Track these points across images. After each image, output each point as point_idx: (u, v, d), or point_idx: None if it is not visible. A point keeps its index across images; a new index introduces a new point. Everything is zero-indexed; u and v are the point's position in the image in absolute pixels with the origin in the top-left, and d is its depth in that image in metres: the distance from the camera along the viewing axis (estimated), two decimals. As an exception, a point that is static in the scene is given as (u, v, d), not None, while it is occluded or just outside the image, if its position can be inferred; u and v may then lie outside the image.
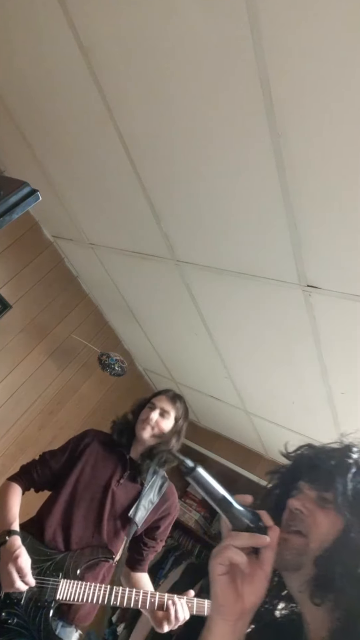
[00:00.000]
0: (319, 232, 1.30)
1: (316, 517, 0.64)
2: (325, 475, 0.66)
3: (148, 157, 1.53)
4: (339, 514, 0.62)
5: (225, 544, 0.62)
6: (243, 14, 0.96)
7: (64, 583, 1.49)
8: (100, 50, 1.29)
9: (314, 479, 0.68)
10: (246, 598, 0.61)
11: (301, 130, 1.08)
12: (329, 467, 0.67)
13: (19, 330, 2.63)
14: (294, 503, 0.67)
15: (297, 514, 0.66)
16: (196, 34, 1.07)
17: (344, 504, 0.63)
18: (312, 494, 0.67)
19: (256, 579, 0.61)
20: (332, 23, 0.88)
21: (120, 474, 1.68)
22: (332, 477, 0.65)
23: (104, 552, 1.59)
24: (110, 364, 2.76)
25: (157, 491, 1.72)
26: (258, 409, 2.66)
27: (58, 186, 2.08)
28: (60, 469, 1.71)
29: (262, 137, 1.16)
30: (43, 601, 1.46)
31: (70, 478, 1.65)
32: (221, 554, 0.61)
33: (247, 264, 1.62)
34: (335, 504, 0.63)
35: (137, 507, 1.65)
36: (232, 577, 0.62)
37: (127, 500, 1.66)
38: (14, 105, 1.79)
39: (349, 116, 0.99)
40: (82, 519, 1.60)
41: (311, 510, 0.65)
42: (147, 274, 2.20)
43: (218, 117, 1.21)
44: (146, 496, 1.68)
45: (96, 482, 1.66)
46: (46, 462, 1.72)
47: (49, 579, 1.49)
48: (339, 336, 1.62)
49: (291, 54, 0.97)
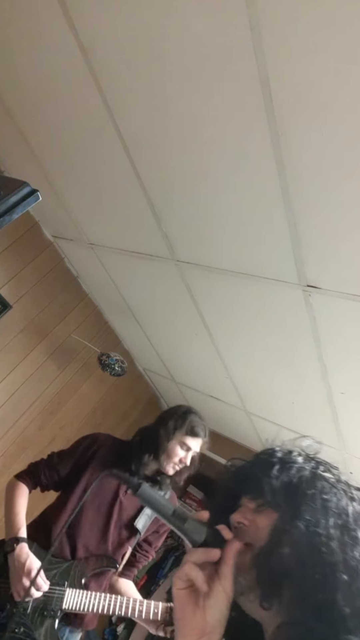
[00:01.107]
0: (319, 232, 1.30)
1: (257, 524, 0.64)
2: (257, 482, 0.67)
3: (148, 157, 1.53)
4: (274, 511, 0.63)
5: (184, 560, 0.62)
6: (243, 14, 0.96)
7: (69, 592, 1.49)
8: (100, 50, 1.29)
9: (249, 490, 0.68)
10: (207, 613, 0.60)
11: (301, 130, 1.08)
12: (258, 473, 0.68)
13: (19, 330, 2.63)
14: (234, 518, 0.67)
15: (240, 527, 0.65)
16: (196, 34, 1.07)
17: (274, 500, 0.63)
18: (251, 504, 0.67)
19: (214, 594, 0.60)
20: (332, 23, 0.88)
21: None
22: (261, 481, 0.66)
23: (108, 561, 1.59)
24: (110, 364, 2.76)
25: None
26: (258, 409, 2.66)
27: (58, 186, 2.08)
28: (68, 473, 1.69)
29: (262, 137, 1.16)
30: (49, 610, 1.46)
31: (79, 485, 1.64)
32: (179, 570, 0.62)
33: (247, 264, 1.62)
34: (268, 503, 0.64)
35: (141, 516, 1.65)
36: (193, 592, 0.62)
37: (134, 510, 1.66)
38: (14, 106, 1.79)
39: (349, 116, 0.99)
40: (88, 527, 1.60)
41: (252, 520, 0.65)
42: (147, 274, 2.20)
43: (218, 117, 1.21)
44: None
45: (104, 492, 1.65)
46: (54, 466, 1.70)
47: (55, 588, 1.49)
48: (339, 336, 1.62)
49: (291, 54, 0.97)
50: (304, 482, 0.64)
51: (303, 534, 0.59)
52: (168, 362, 3.03)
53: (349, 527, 0.59)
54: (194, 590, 0.62)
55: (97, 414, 3.23)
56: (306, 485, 0.63)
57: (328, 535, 0.58)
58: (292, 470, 0.66)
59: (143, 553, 1.75)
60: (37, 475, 1.68)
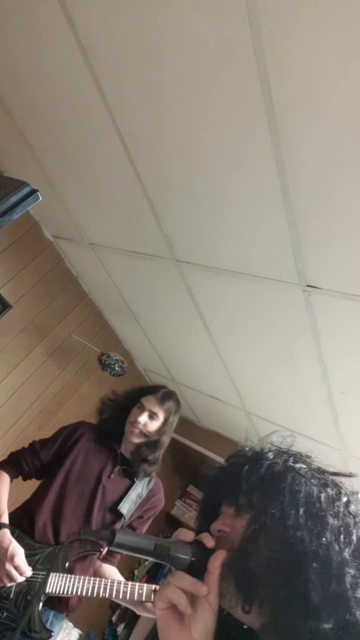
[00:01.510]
0: (319, 232, 1.30)
1: (236, 528, 0.63)
2: (230, 486, 0.66)
3: (148, 156, 1.53)
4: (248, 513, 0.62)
5: (167, 581, 0.61)
6: (243, 14, 0.96)
7: (52, 576, 1.50)
8: (100, 50, 1.29)
9: (225, 496, 0.67)
10: (193, 629, 0.59)
11: (301, 130, 1.08)
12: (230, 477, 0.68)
13: (19, 330, 2.63)
14: (213, 527, 0.66)
15: (221, 536, 0.64)
16: (196, 34, 1.07)
17: (249, 501, 0.63)
18: (230, 510, 0.66)
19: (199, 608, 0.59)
20: (332, 23, 0.88)
21: (111, 469, 1.69)
22: (235, 484, 0.65)
23: (92, 545, 1.60)
24: (110, 364, 2.76)
25: (145, 485, 1.74)
26: (258, 409, 2.66)
27: (58, 186, 2.08)
28: (49, 460, 1.71)
29: (262, 137, 1.16)
30: (33, 595, 1.47)
31: (61, 471, 1.65)
32: (162, 592, 0.61)
33: (247, 263, 1.62)
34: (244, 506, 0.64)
35: (126, 500, 1.66)
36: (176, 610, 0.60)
37: (117, 495, 1.67)
38: (14, 106, 1.79)
39: (348, 115, 0.99)
40: (71, 512, 1.61)
41: (232, 525, 0.64)
42: (147, 274, 2.20)
43: (218, 117, 1.21)
44: (135, 490, 1.69)
45: (87, 476, 1.66)
46: (36, 453, 1.72)
47: (38, 573, 1.50)
48: (339, 336, 1.62)
49: (291, 54, 0.97)
50: (275, 477, 0.63)
51: (271, 530, 0.58)
52: (168, 362, 3.03)
53: (319, 515, 0.58)
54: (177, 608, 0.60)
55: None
56: (277, 480, 0.63)
57: (296, 526, 0.57)
58: (262, 467, 0.65)
59: None
60: (19, 463, 1.69)
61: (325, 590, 0.53)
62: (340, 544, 0.56)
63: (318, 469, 0.66)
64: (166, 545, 0.62)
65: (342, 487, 0.64)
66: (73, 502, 1.62)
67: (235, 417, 2.93)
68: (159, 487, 1.80)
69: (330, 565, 0.55)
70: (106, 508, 1.65)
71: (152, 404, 1.72)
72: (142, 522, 1.77)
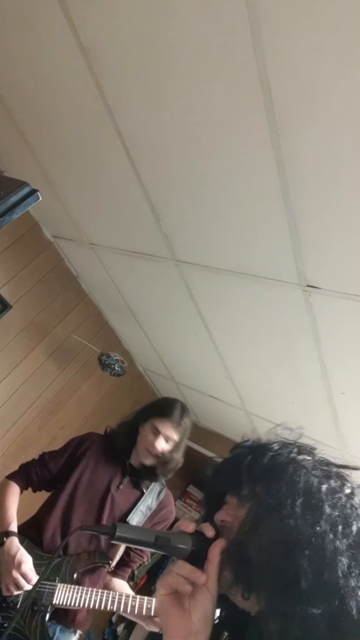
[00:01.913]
0: (319, 231, 1.30)
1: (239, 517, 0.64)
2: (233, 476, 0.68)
3: (148, 156, 1.53)
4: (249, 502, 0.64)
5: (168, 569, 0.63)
6: (243, 14, 0.96)
7: (60, 587, 1.48)
8: (100, 50, 1.29)
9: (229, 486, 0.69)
10: (192, 613, 0.61)
11: (301, 130, 1.08)
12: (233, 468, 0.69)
13: (19, 330, 2.63)
14: (217, 517, 0.68)
15: (224, 525, 0.66)
16: (196, 34, 1.07)
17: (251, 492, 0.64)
18: (233, 500, 0.67)
19: (199, 594, 0.61)
20: (332, 23, 0.88)
21: (119, 480, 1.67)
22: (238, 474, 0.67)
23: (101, 557, 1.58)
24: (110, 364, 2.76)
25: (155, 497, 1.71)
26: (258, 409, 2.66)
27: (58, 186, 2.08)
28: (59, 471, 1.70)
29: (262, 137, 1.16)
30: (39, 605, 1.45)
31: (70, 482, 1.64)
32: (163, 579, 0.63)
33: (247, 263, 1.62)
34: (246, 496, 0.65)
35: (135, 512, 1.64)
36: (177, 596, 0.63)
37: (127, 506, 1.65)
38: (14, 105, 1.79)
39: (349, 115, 0.99)
40: (80, 523, 1.59)
41: (234, 515, 0.65)
42: (147, 274, 2.20)
43: (218, 117, 1.21)
44: (144, 502, 1.67)
45: (95, 487, 1.65)
46: (45, 464, 1.71)
47: (46, 583, 1.48)
48: (339, 336, 1.62)
49: (291, 54, 0.97)
50: (277, 468, 0.64)
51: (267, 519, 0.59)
52: (168, 362, 3.03)
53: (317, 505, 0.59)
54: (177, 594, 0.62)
55: (97, 414, 3.23)
56: (278, 471, 0.63)
57: (291, 515, 0.58)
58: (265, 458, 0.66)
59: (137, 552, 1.73)
60: (29, 474, 1.69)
61: (316, 578, 0.54)
62: (336, 534, 0.57)
63: (323, 461, 0.67)
64: (166, 537, 0.64)
65: (348, 479, 0.64)
66: (81, 513, 1.61)
67: (235, 417, 2.93)
68: (170, 499, 1.78)
69: (323, 553, 0.55)
70: (115, 519, 1.63)
71: (168, 429, 1.66)
72: None
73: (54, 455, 1.75)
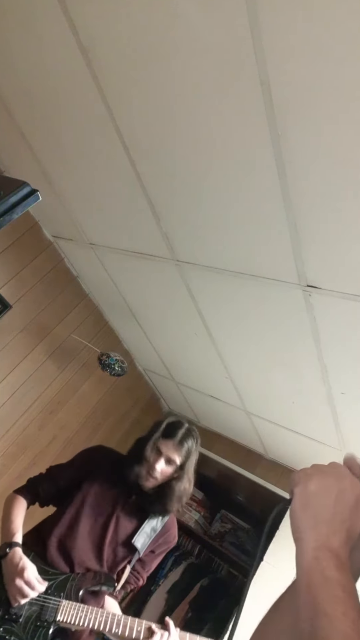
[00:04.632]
0: (319, 231, 1.30)
1: None
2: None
3: (148, 157, 1.53)
4: None
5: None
6: (243, 14, 0.96)
7: (65, 604, 1.45)
8: (100, 50, 1.29)
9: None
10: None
11: (301, 130, 1.08)
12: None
13: (19, 330, 2.63)
14: None
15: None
16: (196, 33, 1.07)
17: None
18: None
19: None
20: (332, 23, 0.88)
21: (125, 499, 1.64)
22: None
23: (107, 579, 1.55)
24: (110, 364, 2.76)
25: (160, 519, 1.67)
26: (258, 409, 2.66)
27: (58, 186, 2.08)
28: (67, 485, 1.67)
29: (262, 137, 1.16)
30: (43, 621, 1.42)
31: (76, 498, 1.61)
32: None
33: (247, 263, 1.62)
34: None
35: (140, 534, 1.60)
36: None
37: (131, 527, 1.62)
38: (14, 105, 1.79)
39: (348, 115, 0.99)
40: (84, 541, 1.57)
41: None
42: (147, 274, 2.20)
43: (218, 117, 1.21)
44: (149, 523, 1.64)
45: (101, 505, 1.61)
46: (53, 479, 1.68)
47: (50, 598, 1.45)
48: (339, 336, 1.62)
49: (291, 54, 0.97)
50: None
51: None
52: (168, 362, 3.03)
53: None
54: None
55: (97, 414, 3.23)
56: None
57: None
58: None
59: (134, 574, 1.68)
60: (36, 488, 1.66)
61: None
62: None
63: None
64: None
65: None
66: (86, 530, 1.58)
67: (235, 417, 2.93)
68: (173, 522, 1.74)
69: None
70: (119, 541, 1.60)
71: (170, 449, 1.59)
72: (153, 557, 1.70)
73: (61, 469, 1.71)
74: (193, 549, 3.28)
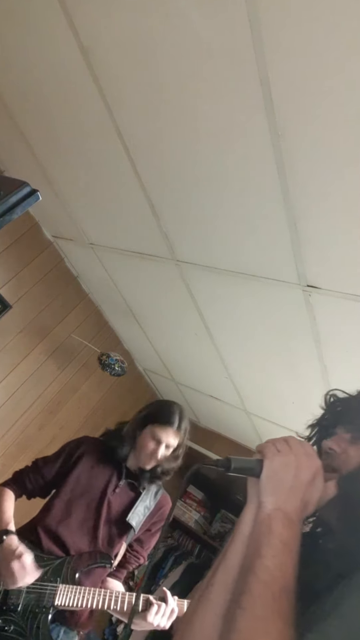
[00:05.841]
0: (319, 232, 1.30)
1: (349, 453, 0.70)
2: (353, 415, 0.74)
3: (148, 157, 1.53)
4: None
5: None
6: (243, 14, 0.96)
7: (62, 588, 1.47)
8: (100, 50, 1.29)
9: (347, 422, 0.75)
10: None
11: (301, 130, 1.08)
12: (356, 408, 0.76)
13: (19, 330, 2.63)
14: (327, 443, 0.73)
15: (331, 453, 0.72)
16: (196, 34, 1.07)
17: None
18: (346, 435, 0.72)
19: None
20: (332, 23, 0.88)
21: (116, 483, 1.67)
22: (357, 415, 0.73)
23: (102, 557, 1.57)
24: (110, 364, 2.76)
25: (152, 497, 1.71)
26: (258, 409, 2.66)
27: (58, 186, 2.08)
28: (53, 477, 1.69)
29: (262, 137, 1.16)
30: (41, 607, 1.43)
31: (66, 487, 1.63)
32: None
33: (247, 264, 1.62)
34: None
35: (134, 512, 1.63)
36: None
37: (123, 507, 1.65)
38: (14, 105, 1.79)
39: (348, 115, 0.99)
40: (78, 527, 1.59)
41: (344, 448, 0.71)
42: (147, 274, 2.20)
43: (218, 117, 1.21)
44: (142, 502, 1.67)
45: (92, 491, 1.64)
46: (38, 470, 1.70)
47: (47, 584, 1.47)
48: (339, 336, 1.62)
49: (291, 54, 0.97)
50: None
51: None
52: (168, 362, 3.03)
53: None
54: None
55: (97, 414, 3.23)
56: None
57: None
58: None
59: (134, 554, 1.72)
60: (22, 481, 1.67)
61: None
62: None
63: None
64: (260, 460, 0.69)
65: None
66: (79, 517, 1.60)
67: (235, 417, 2.93)
68: (167, 499, 1.77)
69: None
70: (112, 521, 1.62)
71: (170, 436, 1.64)
72: (149, 535, 1.73)
73: (47, 461, 1.73)
74: (193, 549, 3.28)
